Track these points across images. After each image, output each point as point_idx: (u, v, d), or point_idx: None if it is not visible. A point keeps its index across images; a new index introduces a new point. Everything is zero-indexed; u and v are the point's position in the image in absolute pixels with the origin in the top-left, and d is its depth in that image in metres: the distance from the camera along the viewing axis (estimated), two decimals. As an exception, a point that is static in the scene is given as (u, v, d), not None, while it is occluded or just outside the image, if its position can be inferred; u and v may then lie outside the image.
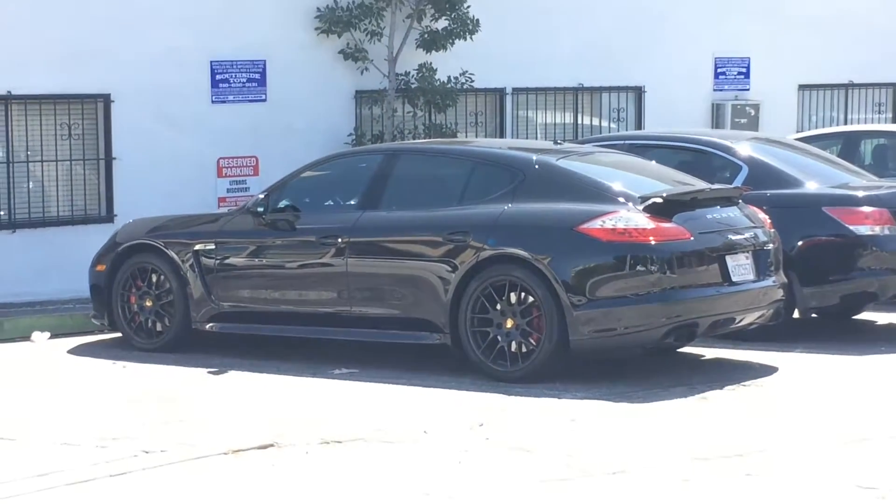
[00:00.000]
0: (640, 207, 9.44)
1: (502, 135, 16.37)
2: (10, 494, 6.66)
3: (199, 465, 7.25)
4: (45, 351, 11.18)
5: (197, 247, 10.82)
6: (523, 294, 9.43)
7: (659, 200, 9.49)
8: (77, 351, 11.10)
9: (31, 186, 13.49)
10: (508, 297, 9.47)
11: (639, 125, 17.31)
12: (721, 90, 18.20)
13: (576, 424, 8.17)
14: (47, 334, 11.73)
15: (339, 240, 10.17)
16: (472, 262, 9.59)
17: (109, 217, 13.71)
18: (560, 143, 11.39)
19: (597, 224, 9.30)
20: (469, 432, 7.97)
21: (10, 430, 8.12)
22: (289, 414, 8.57)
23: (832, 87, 19.01)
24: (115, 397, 9.18)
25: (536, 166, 9.91)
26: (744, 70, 18.36)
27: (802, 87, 18.78)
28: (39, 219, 13.50)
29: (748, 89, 18.37)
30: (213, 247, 10.79)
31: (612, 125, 17.26)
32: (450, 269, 9.69)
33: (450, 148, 10.90)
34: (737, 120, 17.88)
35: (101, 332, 11.61)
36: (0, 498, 6.58)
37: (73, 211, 13.73)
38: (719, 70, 18.19)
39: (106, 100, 13.76)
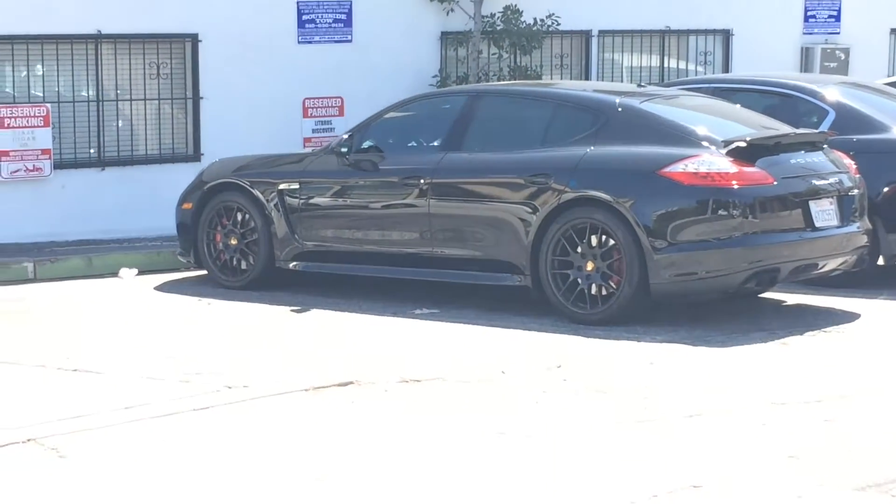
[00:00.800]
0: (724, 151, 9.37)
1: (588, 78, 16.28)
2: (97, 426, 6.81)
3: (281, 401, 7.36)
4: (133, 287, 11.38)
5: (281, 186, 10.92)
6: (604, 237, 9.43)
7: (742, 144, 9.42)
8: (163, 288, 11.28)
9: (119, 125, 13.66)
10: (589, 239, 9.48)
11: (726, 69, 17.14)
12: (811, 34, 17.95)
13: (654, 367, 8.19)
14: (135, 271, 11.92)
15: (422, 181, 10.21)
16: (553, 204, 9.59)
17: (196, 156, 13.86)
18: (643, 86, 11.33)
19: (679, 167, 9.26)
20: (547, 373, 8.02)
21: (97, 364, 8.30)
22: (369, 352, 8.66)
23: (925, 31, 18.67)
24: (200, 333, 9.32)
25: (619, 109, 9.88)
26: (834, 13, 18.08)
27: (895, 31, 18.45)
28: (128, 157, 13.67)
29: (838, 33, 18.10)
30: (297, 186, 10.87)
31: (699, 69, 17.10)
32: (531, 210, 9.70)
33: (532, 90, 10.88)
34: (826, 64, 17.63)
35: (188, 269, 11.78)
36: (88, 428, 6.73)
37: (160, 149, 13.89)
38: (809, 13, 17.93)
39: (193, 39, 13.87)
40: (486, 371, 8.06)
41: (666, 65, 16.89)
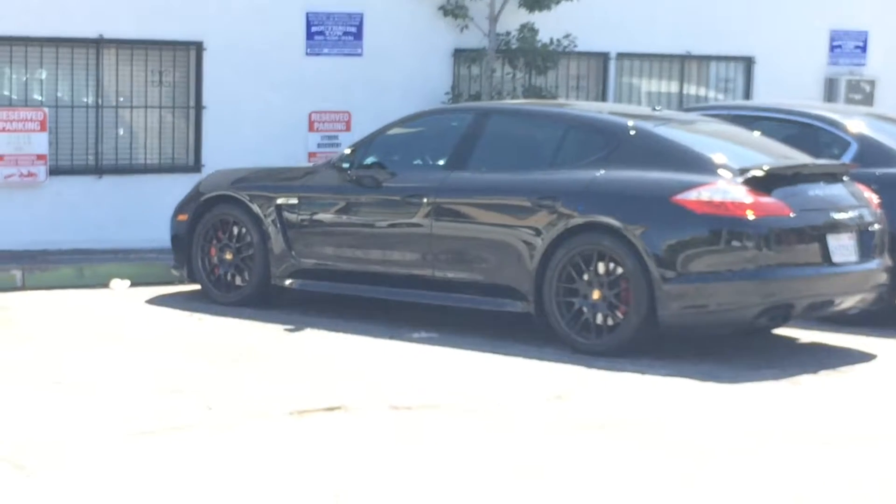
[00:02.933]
0: (740, 180, 9.17)
1: (605, 101, 16.09)
2: (71, 441, 6.61)
3: (262, 423, 7.16)
4: (123, 299, 11.20)
5: (280, 200, 10.76)
6: (612, 264, 9.25)
7: (759, 173, 9.21)
8: (155, 301, 11.10)
9: (119, 132, 13.49)
10: (596, 267, 9.30)
11: (747, 97, 16.94)
12: (836, 64, 17.76)
13: (658, 402, 7.98)
14: (127, 283, 11.75)
15: (425, 200, 10.06)
16: (560, 228, 9.43)
17: (197, 167, 13.69)
18: (659, 110, 11.12)
19: (693, 195, 9.07)
20: (545, 404, 7.82)
21: (77, 377, 8.13)
22: (362, 376, 8.48)
23: (954, 65, 18.44)
24: (187, 350, 9.14)
25: (632, 132, 9.70)
26: (861, 44, 17.88)
27: (922, 64, 18.25)
28: (126, 165, 13.51)
29: (864, 64, 17.90)
30: (296, 201, 10.72)
31: (720, 96, 16.91)
32: (537, 234, 9.53)
33: (543, 109, 10.66)
34: (851, 96, 17.44)
35: (181, 283, 11.60)
36: (59, 442, 6.54)
37: (160, 159, 13.72)
38: (835, 43, 17.73)
39: (198, 47, 13.71)
40: (482, 400, 7.86)
41: (685, 91, 16.70)
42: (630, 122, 9.82)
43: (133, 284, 11.75)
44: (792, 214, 9.15)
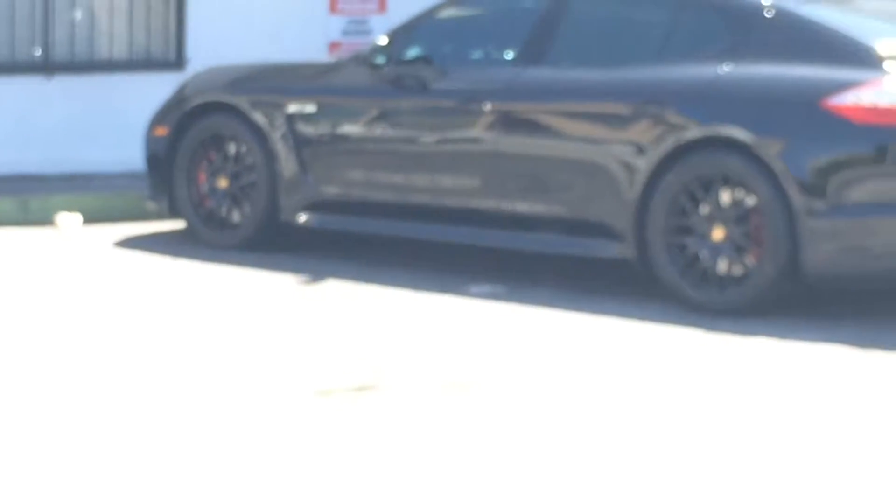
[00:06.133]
0: (916, 77, 9.32)
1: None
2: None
3: (275, 407, 7.34)
4: (82, 243, 11.37)
5: (292, 108, 10.91)
6: (740, 193, 9.38)
7: (942, 68, 9.32)
8: (125, 244, 11.30)
9: (75, 16, 13.62)
10: (719, 196, 9.43)
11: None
12: None
13: (802, 379, 8.10)
14: (78, 218, 11.80)
15: (488, 106, 10.20)
16: (670, 145, 9.57)
17: (179, 63, 13.81)
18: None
19: (850, 98, 9.21)
20: (648, 383, 7.96)
21: (22, 362, 8.32)
22: (402, 344, 8.66)
23: None
24: (175, 313, 9.33)
25: (769, 13, 9.82)
26: None
27: None
28: (85, 61, 13.64)
29: None
30: (314, 109, 10.88)
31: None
32: (638, 153, 9.67)
33: (648, -18, 10.80)
34: None
35: (160, 219, 11.76)
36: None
37: (131, 52, 13.84)
38: None
39: None
40: (564, 377, 8.03)
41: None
42: (766, -1, 9.96)
43: (95, 221, 11.88)
44: None
